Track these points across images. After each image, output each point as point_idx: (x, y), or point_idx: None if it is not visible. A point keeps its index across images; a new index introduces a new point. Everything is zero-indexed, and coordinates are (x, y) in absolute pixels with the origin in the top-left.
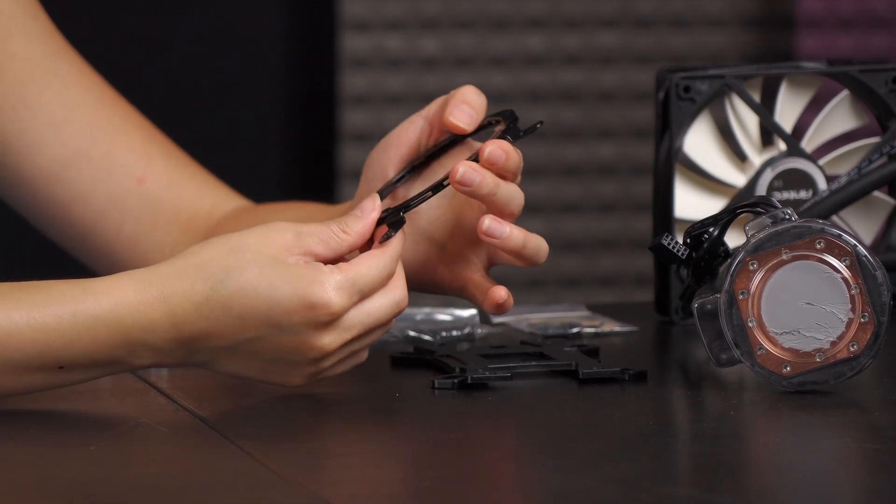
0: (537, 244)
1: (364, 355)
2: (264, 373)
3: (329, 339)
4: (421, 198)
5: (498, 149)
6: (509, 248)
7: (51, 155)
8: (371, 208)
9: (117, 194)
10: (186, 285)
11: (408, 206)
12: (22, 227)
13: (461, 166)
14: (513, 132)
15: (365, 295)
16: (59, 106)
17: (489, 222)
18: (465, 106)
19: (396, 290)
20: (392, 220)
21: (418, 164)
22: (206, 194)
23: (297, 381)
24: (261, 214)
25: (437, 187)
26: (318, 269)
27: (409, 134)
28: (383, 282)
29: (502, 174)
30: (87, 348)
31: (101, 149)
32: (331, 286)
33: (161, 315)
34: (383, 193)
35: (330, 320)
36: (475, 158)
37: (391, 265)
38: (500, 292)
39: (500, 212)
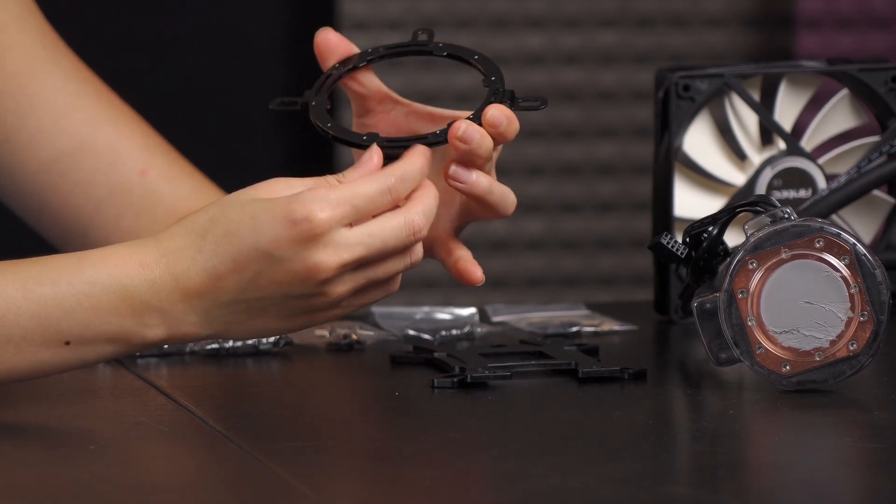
0: (503, 192)
1: (394, 285)
2: (282, 319)
3: (324, 257)
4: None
5: (500, 113)
6: (476, 193)
7: (53, 145)
8: (369, 157)
9: (119, 185)
10: (180, 242)
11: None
12: (18, 229)
13: (462, 124)
14: (512, 99)
15: (362, 212)
16: (61, 96)
17: (455, 167)
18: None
19: (409, 212)
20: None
21: (374, 57)
22: (201, 193)
23: (319, 319)
24: None
25: (434, 140)
26: (300, 192)
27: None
28: (384, 199)
29: (500, 139)
30: (89, 316)
31: (105, 139)
32: (311, 200)
33: (161, 273)
34: (321, 89)
35: (316, 234)
36: (476, 119)
37: (397, 185)
38: (477, 273)
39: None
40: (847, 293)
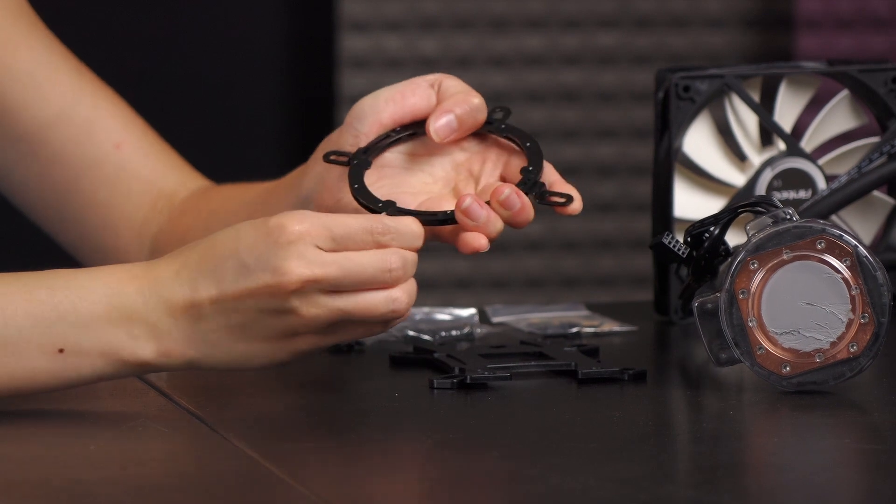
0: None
1: (379, 326)
2: (264, 343)
3: (292, 264)
4: (425, 218)
5: (514, 195)
6: (486, 232)
7: (33, 115)
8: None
9: (95, 158)
10: (168, 260)
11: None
12: (16, 230)
13: (467, 199)
14: (540, 193)
15: (338, 240)
16: (41, 68)
17: (470, 202)
18: (452, 119)
19: (392, 254)
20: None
21: (420, 133)
22: (174, 171)
23: (302, 345)
24: (219, 195)
25: (444, 218)
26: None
27: (416, 99)
28: (363, 237)
29: (510, 222)
30: (83, 320)
31: (83, 112)
32: (290, 214)
33: (148, 284)
34: (371, 149)
35: (287, 241)
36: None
37: (381, 230)
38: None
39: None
40: (848, 295)
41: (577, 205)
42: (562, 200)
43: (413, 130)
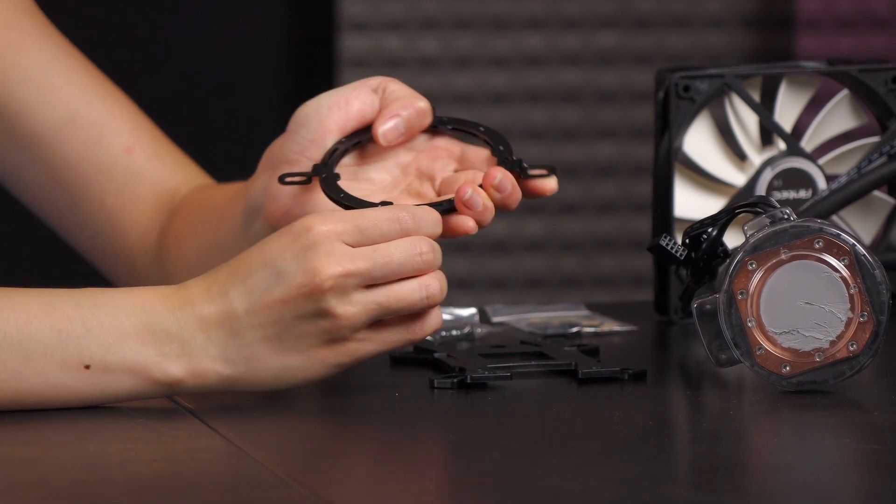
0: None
1: (420, 327)
2: (301, 354)
3: (323, 262)
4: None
5: (506, 179)
6: (482, 220)
7: (46, 117)
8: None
9: (105, 162)
10: (197, 280)
11: None
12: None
13: (469, 188)
14: (520, 168)
15: (366, 233)
16: (53, 71)
17: (471, 193)
18: (400, 122)
19: (419, 240)
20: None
21: (366, 140)
22: (180, 172)
23: (341, 354)
24: (209, 191)
25: (448, 210)
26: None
27: (360, 105)
28: (391, 226)
29: (502, 205)
30: (110, 337)
31: (94, 115)
32: (315, 215)
33: (180, 302)
34: (329, 162)
35: (315, 243)
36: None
37: (406, 217)
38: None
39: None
40: (847, 294)
41: (553, 182)
42: (545, 173)
43: (359, 139)
